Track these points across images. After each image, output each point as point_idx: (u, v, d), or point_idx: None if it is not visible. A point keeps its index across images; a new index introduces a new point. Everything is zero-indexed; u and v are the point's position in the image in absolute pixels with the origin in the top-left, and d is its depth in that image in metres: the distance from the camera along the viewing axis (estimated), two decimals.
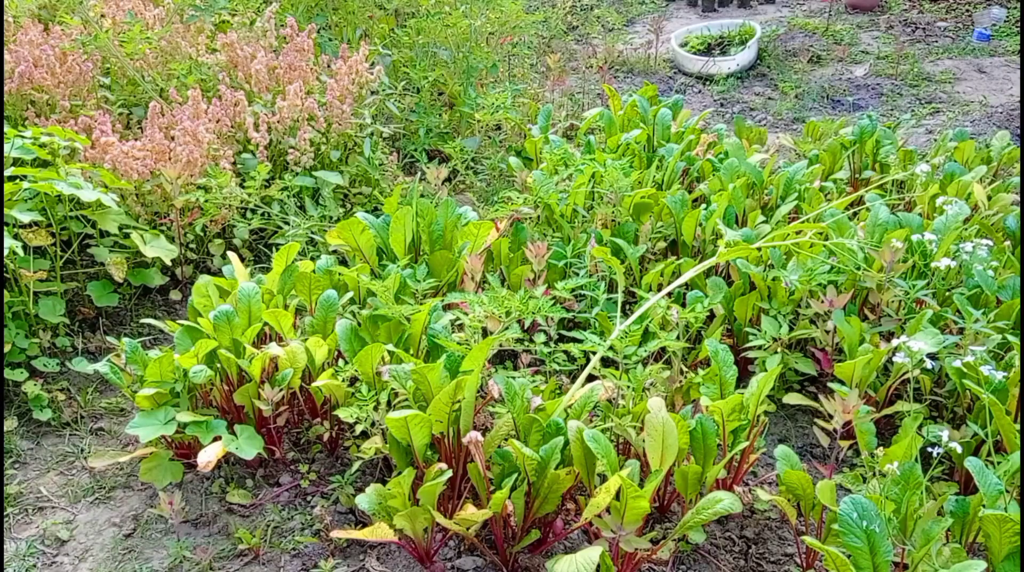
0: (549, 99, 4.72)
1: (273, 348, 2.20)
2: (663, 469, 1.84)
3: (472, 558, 2.02)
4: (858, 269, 2.53)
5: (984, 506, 1.69)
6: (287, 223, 3.12)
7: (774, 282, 2.58)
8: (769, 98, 5.46)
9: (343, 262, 3.00)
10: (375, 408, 2.06)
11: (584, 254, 2.76)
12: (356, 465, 2.17)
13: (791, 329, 2.53)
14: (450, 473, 1.86)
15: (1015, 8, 6.63)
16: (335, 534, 1.91)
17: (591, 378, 2.15)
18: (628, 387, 2.10)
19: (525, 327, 2.42)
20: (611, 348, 2.16)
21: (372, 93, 3.68)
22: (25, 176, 2.50)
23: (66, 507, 2.21)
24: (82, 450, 2.40)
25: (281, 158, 3.37)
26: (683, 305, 2.57)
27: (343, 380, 2.13)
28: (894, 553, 1.56)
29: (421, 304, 2.29)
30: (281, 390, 2.16)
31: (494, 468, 1.92)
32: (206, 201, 2.96)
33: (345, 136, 3.46)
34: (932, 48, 6.18)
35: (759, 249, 2.61)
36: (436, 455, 1.99)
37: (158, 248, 2.82)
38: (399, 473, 1.89)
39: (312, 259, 2.81)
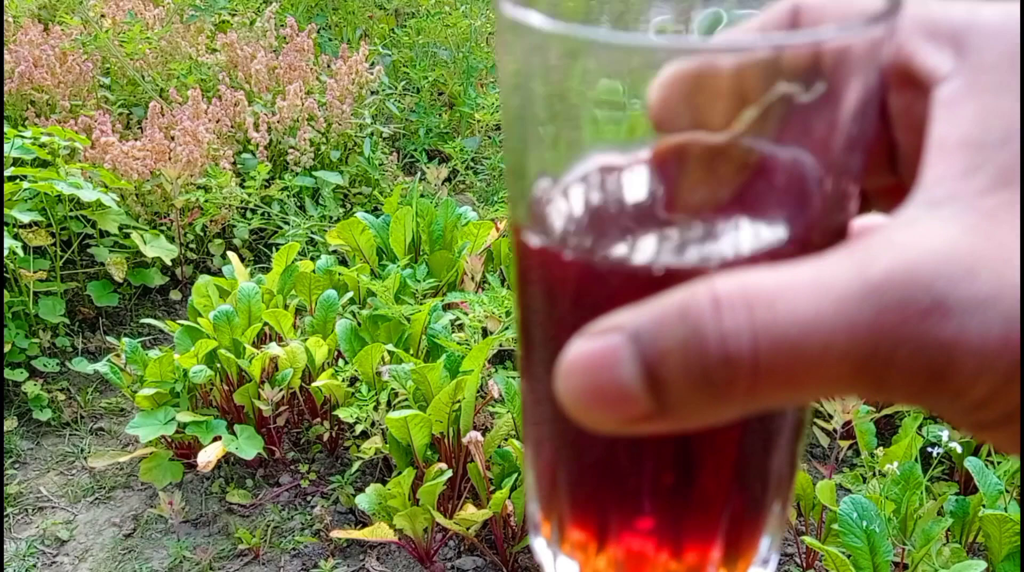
0: None
1: (273, 348, 2.20)
2: None
3: (472, 558, 2.02)
4: None
5: (984, 506, 1.69)
6: (287, 223, 3.12)
7: None
8: None
9: (343, 262, 3.00)
10: (375, 408, 2.06)
11: None
12: (356, 465, 2.16)
13: None
14: (450, 473, 1.86)
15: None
16: (335, 534, 1.91)
17: None
18: None
19: None
20: None
21: (372, 93, 3.68)
22: (25, 176, 2.50)
23: (66, 507, 2.21)
24: (82, 450, 2.40)
25: (281, 158, 3.37)
26: None
27: (343, 380, 2.13)
28: (894, 553, 1.56)
29: (421, 304, 2.29)
30: (281, 390, 2.16)
31: (494, 468, 1.92)
32: (206, 201, 2.96)
33: (345, 136, 3.46)
34: None
35: None
36: (436, 455, 1.98)
37: (158, 248, 2.82)
38: (399, 473, 1.89)
39: (312, 259, 2.81)
